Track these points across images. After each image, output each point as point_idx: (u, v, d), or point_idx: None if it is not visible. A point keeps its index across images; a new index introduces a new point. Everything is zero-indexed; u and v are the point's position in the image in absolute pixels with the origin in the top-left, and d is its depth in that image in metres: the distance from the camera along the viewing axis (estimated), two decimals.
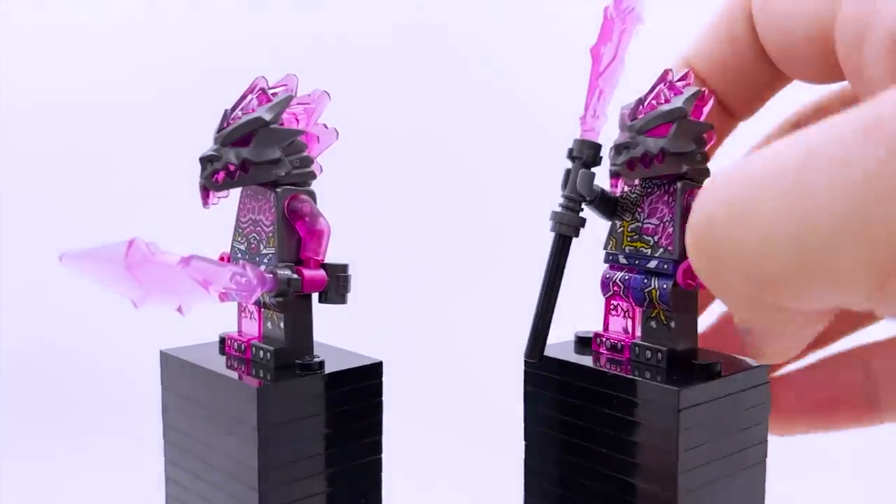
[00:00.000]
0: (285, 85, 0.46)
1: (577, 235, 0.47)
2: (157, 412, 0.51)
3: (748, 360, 0.47)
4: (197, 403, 0.47)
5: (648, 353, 0.46)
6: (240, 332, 0.49)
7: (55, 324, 1.02)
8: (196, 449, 0.48)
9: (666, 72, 0.47)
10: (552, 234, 0.47)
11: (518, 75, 1.05)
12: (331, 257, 0.46)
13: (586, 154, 0.47)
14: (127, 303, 0.38)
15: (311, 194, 0.47)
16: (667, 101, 0.46)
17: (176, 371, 0.49)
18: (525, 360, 0.48)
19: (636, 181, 0.48)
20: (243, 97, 0.46)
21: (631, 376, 0.44)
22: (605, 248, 0.49)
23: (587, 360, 0.47)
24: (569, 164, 0.47)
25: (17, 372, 0.97)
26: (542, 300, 0.47)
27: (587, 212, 0.48)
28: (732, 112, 0.50)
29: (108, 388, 0.93)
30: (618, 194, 0.47)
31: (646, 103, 0.46)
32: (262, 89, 0.46)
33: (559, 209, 0.47)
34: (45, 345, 1.00)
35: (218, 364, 0.47)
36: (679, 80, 0.47)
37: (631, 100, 0.47)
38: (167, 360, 0.50)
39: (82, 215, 1.04)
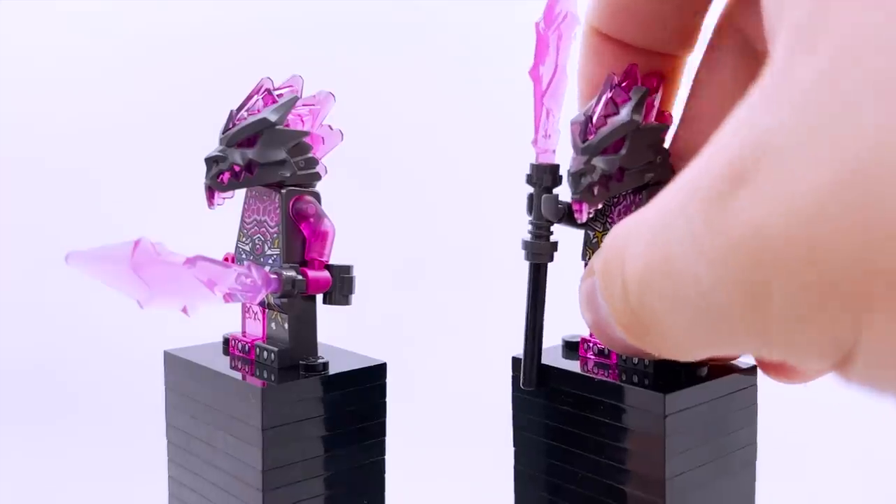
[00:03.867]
0: (291, 86, 0.46)
1: (551, 261, 0.47)
2: (161, 412, 0.51)
3: (736, 363, 0.47)
4: (200, 404, 0.47)
5: (635, 358, 0.46)
6: (244, 332, 0.50)
7: (60, 324, 1.02)
8: (199, 449, 0.48)
9: (609, 76, 0.44)
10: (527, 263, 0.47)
11: (523, 80, 1.05)
12: (335, 258, 0.46)
13: (545, 179, 0.46)
14: (132, 303, 0.38)
15: (316, 195, 0.47)
16: (615, 113, 0.43)
17: (180, 371, 0.49)
18: (523, 387, 0.48)
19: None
20: (249, 98, 0.46)
21: (617, 382, 0.44)
22: (584, 258, 0.49)
23: (574, 366, 0.47)
24: (530, 189, 0.47)
25: (21, 371, 0.97)
26: (528, 328, 0.47)
27: (559, 226, 0.47)
28: (668, 49, 0.45)
29: (112, 387, 0.93)
30: (584, 220, 0.45)
31: (595, 119, 0.43)
32: (268, 90, 0.46)
33: (529, 238, 0.46)
34: (50, 345, 1.00)
35: (222, 364, 0.47)
36: (623, 81, 0.44)
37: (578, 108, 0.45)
38: (171, 360, 0.50)
39: (88, 215, 1.04)
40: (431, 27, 1.13)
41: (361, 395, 0.47)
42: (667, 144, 0.46)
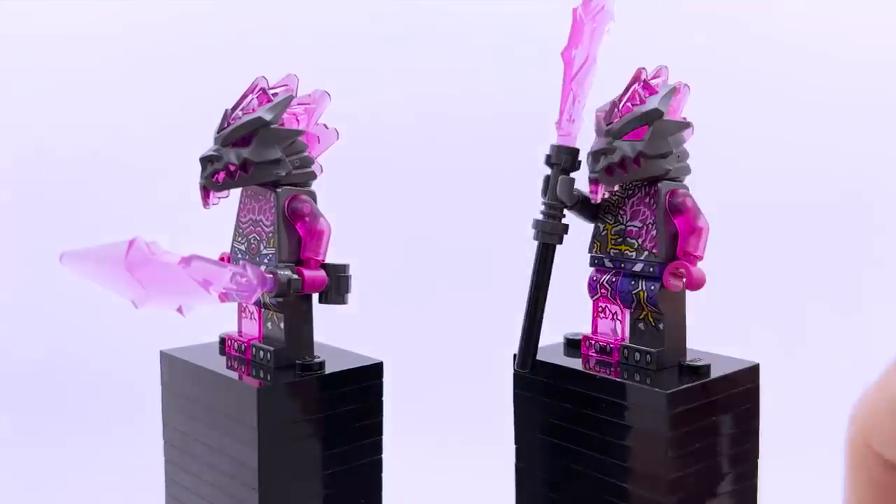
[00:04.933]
0: (286, 85, 0.46)
1: (560, 243, 0.47)
2: (157, 412, 0.51)
3: (738, 359, 0.47)
4: (197, 404, 0.47)
5: (637, 355, 0.46)
6: (240, 332, 0.49)
7: (55, 324, 1.02)
8: (196, 449, 0.47)
9: (639, 71, 0.46)
10: (535, 243, 0.47)
11: (522, 76, 1.05)
12: (331, 257, 0.46)
13: (564, 160, 0.46)
14: (127, 303, 0.38)
15: (312, 194, 0.47)
16: (641, 101, 0.45)
17: (176, 371, 0.49)
18: (516, 371, 0.48)
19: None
20: (244, 97, 0.46)
21: (619, 379, 0.44)
22: (591, 251, 0.49)
23: (576, 363, 0.47)
24: (548, 171, 0.47)
25: (16, 372, 0.97)
26: (529, 310, 0.47)
27: (570, 215, 0.48)
28: None
29: (108, 388, 0.93)
30: (598, 201, 0.46)
31: (621, 106, 0.45)
32: (263, 89, 0.46)
33: (541, 217, 0.47)
34: (45, 345, 1.00)
35: (218, 364, 0.47)
36: (653, 77, 0.46)
37: (607, 97, 0.46)
38: (167, 360, 0.50)
39: (83, 215, 1.04)
40: (431, 16, 1.13)
41: (358, 395, 0.47)
42: (686, 145, 0.47)
